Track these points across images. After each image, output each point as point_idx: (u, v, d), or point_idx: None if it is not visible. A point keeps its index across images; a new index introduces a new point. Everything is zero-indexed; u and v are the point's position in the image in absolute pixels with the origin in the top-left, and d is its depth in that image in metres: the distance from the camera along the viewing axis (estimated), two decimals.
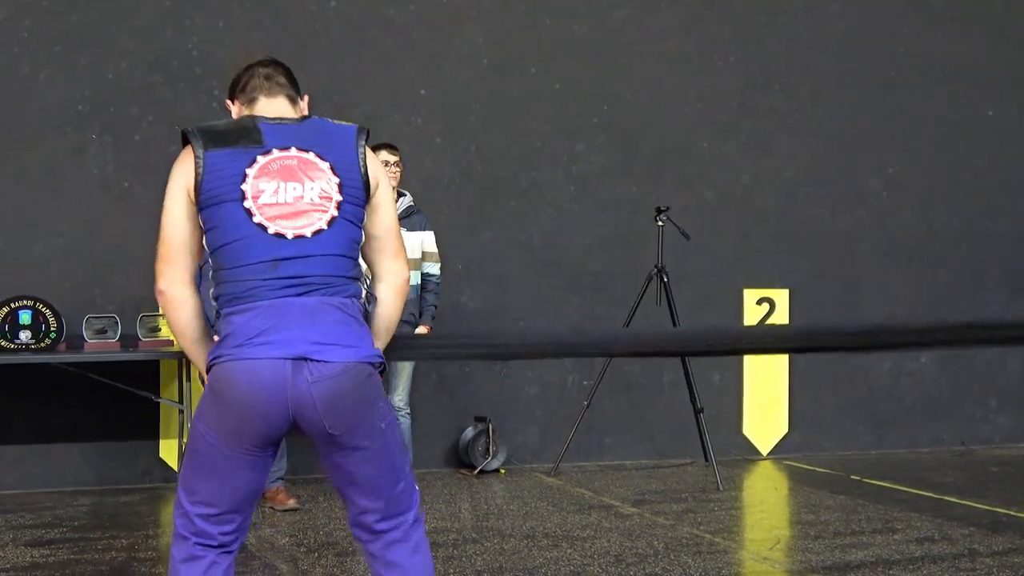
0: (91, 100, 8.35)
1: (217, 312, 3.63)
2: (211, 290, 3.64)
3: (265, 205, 3.56)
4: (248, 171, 3.58)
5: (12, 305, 7.64)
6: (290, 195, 3.58)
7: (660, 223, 8.66)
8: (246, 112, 3.82)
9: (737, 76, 9.72)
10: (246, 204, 3.55)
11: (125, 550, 6.44)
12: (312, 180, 3.61)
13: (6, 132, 8.23)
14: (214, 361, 3.55)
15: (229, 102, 3.91)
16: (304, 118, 3.77)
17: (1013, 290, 10.30)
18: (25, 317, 7.65)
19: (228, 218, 3.55)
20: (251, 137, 3.64)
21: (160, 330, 7.97)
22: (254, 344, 3.49)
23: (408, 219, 7.50)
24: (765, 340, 5.47)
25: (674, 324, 8.54)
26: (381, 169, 3.79)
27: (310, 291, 3.55)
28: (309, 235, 3.57)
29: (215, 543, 3.66)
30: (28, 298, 7.68)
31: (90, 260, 8.31)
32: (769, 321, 9.60)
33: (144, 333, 7.93)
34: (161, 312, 8.09)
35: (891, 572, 5.94)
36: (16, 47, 8.23)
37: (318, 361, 3.51)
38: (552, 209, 9.28)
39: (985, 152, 10.33)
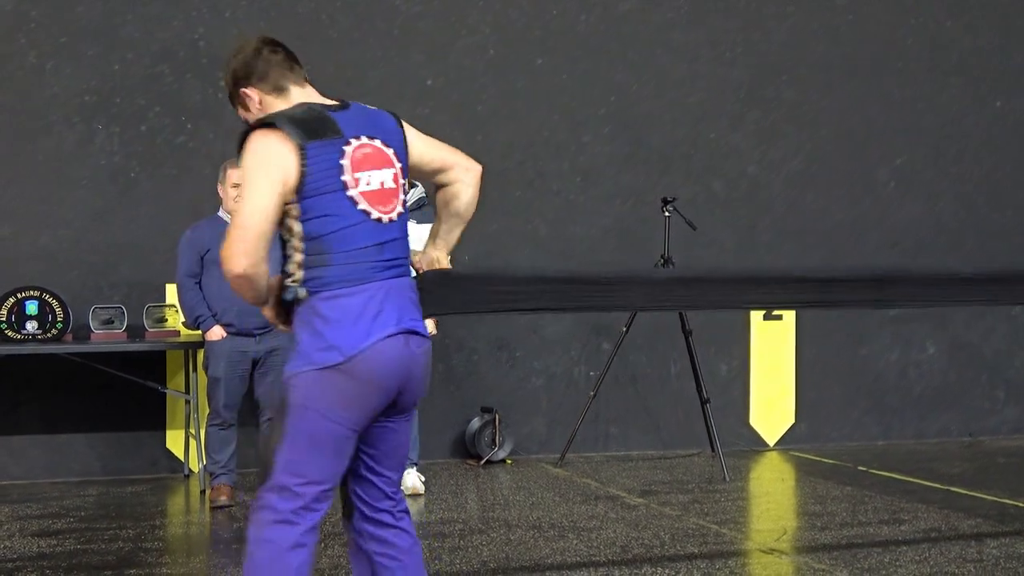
0: (97, 91, 8.35)
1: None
2: (296, 274, 3.71)
3: (363, 193, 3.75)
4: (343, 162, 3.73)
5: (18, 295, 7.65)
6: (376, 182, 3.78)
7: (667, 214, 8.64)
8: (276, 101, 3.86)
9: (744, 67, 9.70)
10: (349, 193, 3.72)
11: (132, 540, 6.45)
12: (386, 167, 3.82)
13: (13, 123, 8.23)
14: (352, 349, 3.66)
15: (247, 90, 3.88)
16: (347, 104, 3.88)
17: None
18: (31, 307, 7.67)
19: (335, 207, 3.71)
20: (331, 128, 3.76)
21: (166, 320, 7.98)
22: (379, 324, 3.71)
23: (419, 211, 7.46)
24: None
25: (680, 316, 8.53)
26: (411, 129, 3.99)
27: (402, 273, 3.84)
28: (396, 218, 3.84)
29: (314, 523, 3.75)
30: (34, 288, 7.69)
31: (96, 250, 8.31)
32: (774, 314, 9.59)
33: (150, 323, 7.94)
34: (169, 304, 8.09)
35: (898, 563, 5.93)
36: (23, 38, 8.23)
37: (419, 334, 3.83)
38: (558, 200, 9.27)
39: (993, 143, 10.31)
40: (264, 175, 3.64)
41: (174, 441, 8.39)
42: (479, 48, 9.14)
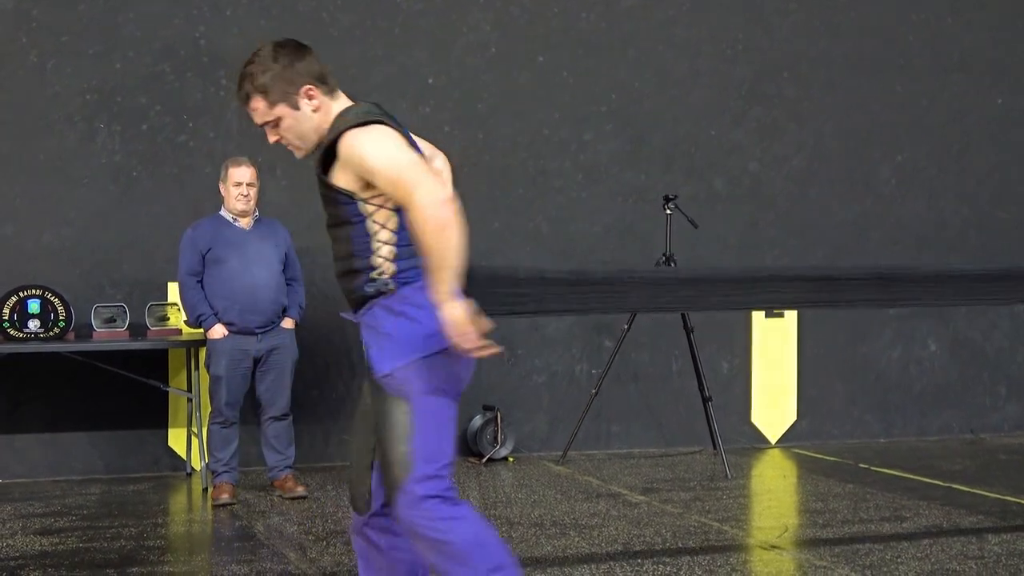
0: (99, 89, 8.35)
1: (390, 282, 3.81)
2: (382, 267, 3.79)
3: None
4: (424, 154, 3.87)
5: (21, 294, 7.66)
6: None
7: (668, 211, 8.64)
8: (332, 103, 3.90)
9: (746, 63, 9.70)
10: None
11: (134, 538, 6.46)
12: None
13: (15, 122, 8.24)
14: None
15: (313, 89, 3.86)
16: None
17: None
18: (34, 306, 7.67)
19: None
20: (399, 124, 3.86)
21: (168, 319, 7.99)
22: None
23: None
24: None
25: (682, 314, 8.53)
26: None
27: None
28: None
29: None
30: (37, 287, 7.70)
31: (98, 249, 8.32)
32: (776, 311, 9.59)
33: (152, 322, 7.95)
34: (171, 302, 8.09)
35: (899, 560, 5.93)
36: (24, 37, 8.23)
37: None
38: (560, 198, 9.27)
39: (995, 140, 10.30)
40: (401, 141, 3.72)
41: (176, 439, 8.40)
42: (480, 46, 9.14)
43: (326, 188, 3.81)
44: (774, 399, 9.68)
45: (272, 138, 3.92)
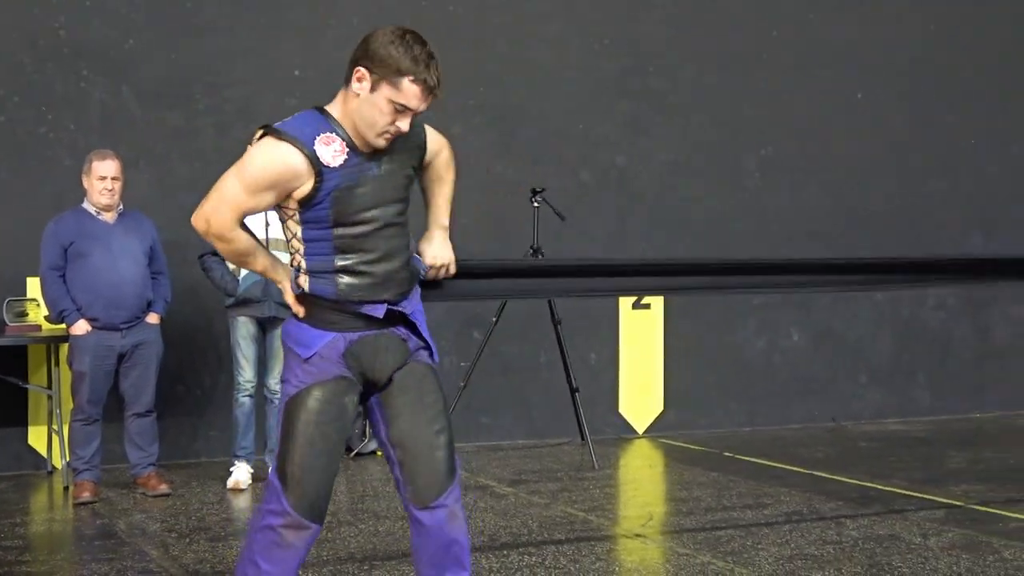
0: None
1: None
2: None
3: None
4: None
5: None
6: None
7: (536, 204, 8.68)
8: None
9: (614, 58, 9.79)
10: None
11: None
12: None
13: None
14: None
15: None
16: None
17: None
18: None
19: None
20: None
21: (27, 315, 7.82)
22: None
23: None
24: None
25: (550, 305, 8.57)
26: None
27: None
28: None
29: None
30: None
31: None
32: (643, 303, 9.70)
33: (11, 318, 7.78)
34: (30, 297, 7.94)
35: (759, 546, 6.04)
36: None
37: None
38: None
39: (855, 134, 10.53)
40: None
41: (36, 437, 8.23)
42: (348, 37, 9.01)
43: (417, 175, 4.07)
44: (641, 390, 9.79)
45: (406, 127, 3.90)
